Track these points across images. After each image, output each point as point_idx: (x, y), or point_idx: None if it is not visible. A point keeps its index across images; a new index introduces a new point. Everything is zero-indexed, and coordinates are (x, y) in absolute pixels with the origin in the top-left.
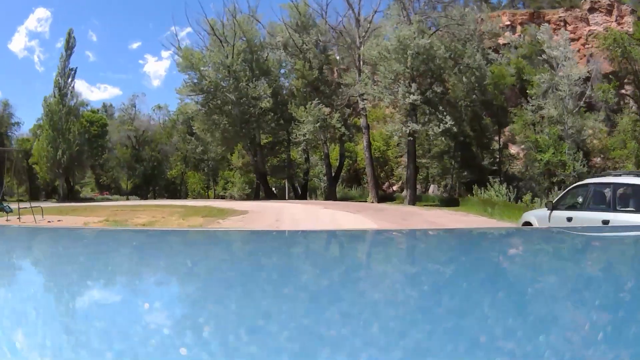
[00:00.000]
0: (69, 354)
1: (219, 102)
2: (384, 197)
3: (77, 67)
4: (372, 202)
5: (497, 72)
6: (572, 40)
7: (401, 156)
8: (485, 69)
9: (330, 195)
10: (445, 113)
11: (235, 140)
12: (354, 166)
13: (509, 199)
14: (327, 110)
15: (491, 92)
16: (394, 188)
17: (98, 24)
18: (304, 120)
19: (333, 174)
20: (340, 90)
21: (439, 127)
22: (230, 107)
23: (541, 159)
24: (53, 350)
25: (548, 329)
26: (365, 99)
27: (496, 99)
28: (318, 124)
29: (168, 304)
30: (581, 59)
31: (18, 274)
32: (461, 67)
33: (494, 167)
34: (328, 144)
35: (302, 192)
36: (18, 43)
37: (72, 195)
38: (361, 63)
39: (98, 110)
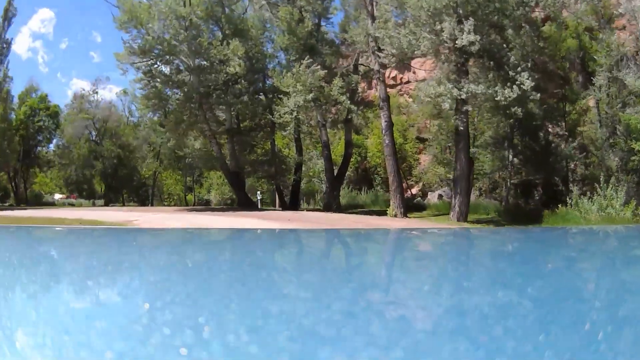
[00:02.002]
0: (63, 353)
1: (168, 68)
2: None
3: (12, 39)
4: (397, 216)
5: (555, 35)
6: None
7: (421, 151)
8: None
9: (331, 201)
10: (519, 69)
11: (189, 123)
12: (363, 164)
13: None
14: (323, 73)
15: (552, 55)
16: (413, 191)
17: (102, 25)
18: (291, 91)
19: (336, 173)
20: (344, 49)
21: (512, 91)
22: (186, 76)
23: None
24: (45, 349)
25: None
26: (385, 52)
27: (560, 68)
28: (311, 94)
29: (164, 302)
30: (630, 35)
31: (15, 273)
32: (531, 3)
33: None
34: (328, 127)
35: (293, 198)
36: (22, 44)
37: (18, 198)
38: (374, 6)
39: (47, 95)
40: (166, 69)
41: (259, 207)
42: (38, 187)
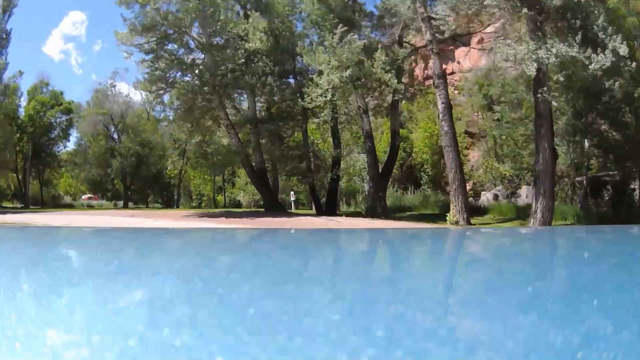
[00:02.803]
0: (67, 353)
1: (175, 47)
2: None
3: (11, 29)
4: (458, 223)
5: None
6: None
7: (468, 147)
8: None
9: (375, 204)
10: (609, 30)
11: (201, 110)
12: (407, 161)
13: None
14: (362, 44)
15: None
16: None
17: None
18: (324, 69)
19: (381, 169)
20: (386, 20)
21: (606, 57)
22: (198, 56)
23: None
24: (49, 349)
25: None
26: (441, 10)
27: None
28: (349, 71)
29: (166, 302)
30: None
31: (17, 274)
32: None
33: None
34: (370, 115)
35: (330, 200)
36: (53, 46)
37: (27, 200)
38: None
39: (62, 92)
40: (174, 49)
41: (293, 209)
42: (63, 188)
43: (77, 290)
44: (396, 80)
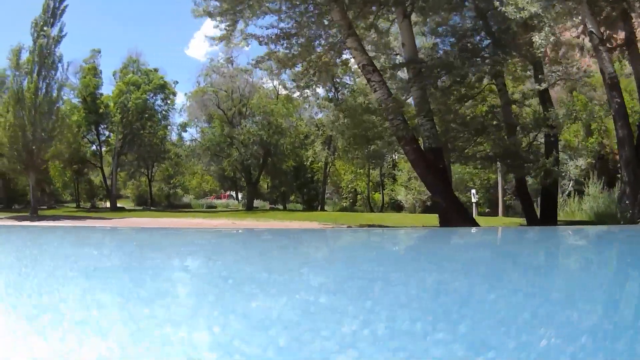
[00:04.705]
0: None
1: None
2: None
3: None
4: None
5: None
6: None
7: None
8: None
9: (635, 209)
10: None
11: (307, 39)
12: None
13: None
14: None
15: None
16: None
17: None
18: None
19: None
20: None
21: None
22: None
23: None
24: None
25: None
26: None
27: None
28: None
29: (171, 303)
30: None
31: (20, 274)
32: None
33: None
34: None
35: (547, 202)
36: (197, 49)
37: (112, 199)
38: None
39: (157, 69)
40: None
41: (475, 214)
42: (196, 184)
43: None
44: None
